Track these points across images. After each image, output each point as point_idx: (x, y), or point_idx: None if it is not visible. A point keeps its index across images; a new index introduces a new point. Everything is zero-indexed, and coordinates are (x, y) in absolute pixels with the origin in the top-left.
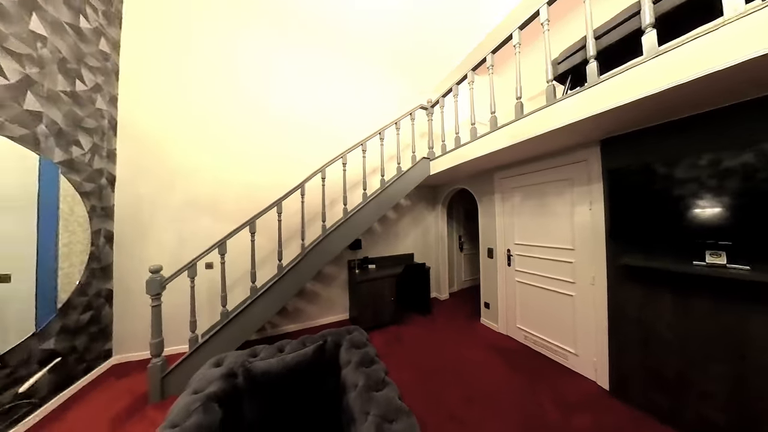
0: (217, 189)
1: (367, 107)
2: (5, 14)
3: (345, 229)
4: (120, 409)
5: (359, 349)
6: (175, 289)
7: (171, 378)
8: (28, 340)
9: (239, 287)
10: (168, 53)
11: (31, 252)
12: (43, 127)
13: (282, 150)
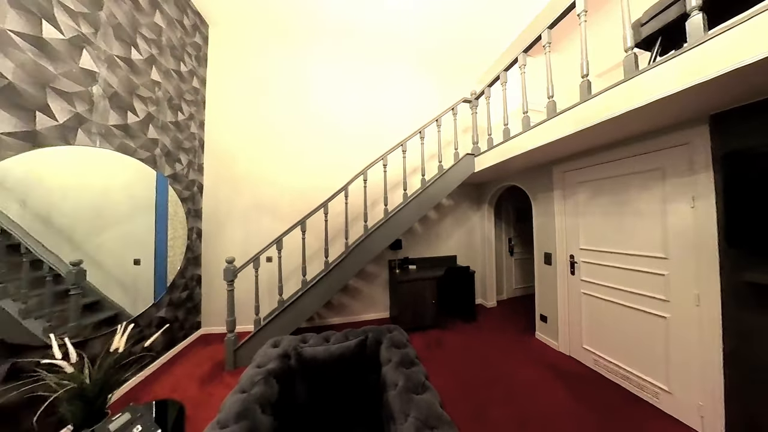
0: (276, 193)
1: (406, 108)
2: (137, 70)
3: (385, 229)
4: (204, 371)
5: (399, 348)
6: (244, 278)
7: (241, 351)
8: (150, 308)
9: (293, 279)
10: (237, 83)
11: (151, 243)
12: (158, 150)
13: (329, 156)
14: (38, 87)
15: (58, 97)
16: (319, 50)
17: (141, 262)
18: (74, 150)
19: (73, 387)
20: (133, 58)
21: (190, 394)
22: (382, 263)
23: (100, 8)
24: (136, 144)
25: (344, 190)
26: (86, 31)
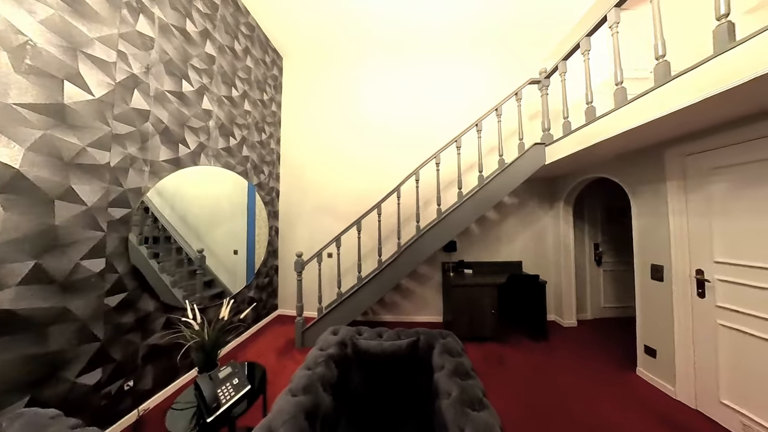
0: (335, 196)
1: (460, 102)
2: (235, 104)
3: (438, 230)
4: (280, 345)
5: (453, 357)
6: (310, 270)
7: (307, 333)
8: (243, 289)
9: (350, 275)
10: (304, 102)
11: (244, 238)
12: (249, 165)
13: (382, 159)
14: (179, 126)
15: (190, 132)
16: (369, 62)
17: (238, 253)
18: (198, 169)
19: (198, 340)
20: (233, 95)
21: (269, 362)
22: (435, 265)
23: (213, 62)
24: (235, 161)
25: (396, 191)
26: (205, 81)
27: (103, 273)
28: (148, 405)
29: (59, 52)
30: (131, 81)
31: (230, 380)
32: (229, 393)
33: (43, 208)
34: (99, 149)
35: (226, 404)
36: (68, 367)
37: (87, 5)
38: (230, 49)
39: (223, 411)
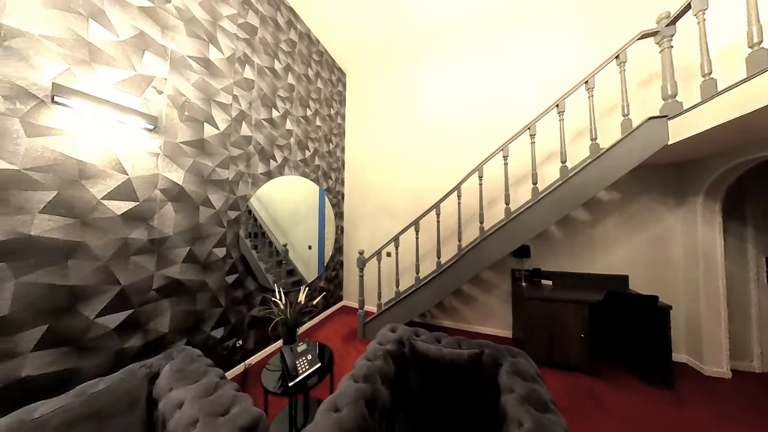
0: (394, 197)
1: (532, 84)
2: (309, 121)
3: (506, 233)
4: (345, 334)
5: (525, 381)
6: (370, 267)
7: (367, 326)
8: (315, 279)
9: (408, 275)
10: (364, 111)
11: (316, 236)
12: (320, 172)
13: (442, 157)
14: (270, 145)
15: (278, 149)
16: (425, 60)
17: (312, 248)
18: (283, 178)
19: (283, 317)
20: (307, 114)
21: (335, 346)
22: (503, 272)
23: (293, 90)
24: (309, 170)
25: (456, 190)
26: (288, 106)
27: (224, 258)
28: (251, 361)
29: (201, 103)
30: (240, 115)
31: (305, 355)
32: (304, 366)
33: (193, 211)
34: (222, 168)
35: (302, 374)
36: (205, 323)
37: (216, 67)
38: (305, 76)
39: (300, 380)
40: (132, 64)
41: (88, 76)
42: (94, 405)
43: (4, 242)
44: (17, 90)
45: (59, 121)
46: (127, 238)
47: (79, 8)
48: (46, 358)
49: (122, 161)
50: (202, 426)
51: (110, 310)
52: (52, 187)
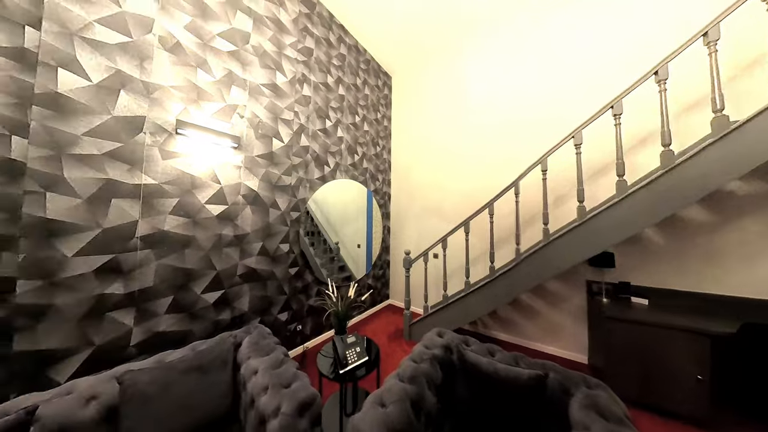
0: (442, 197)
1: (611, 49)
2: (358, 127)
3: (580, 236)
4: (391, 332)
5: (608, 420)
6: (417, 268)
7: (414, 327)
8: (363, 277)
9: (456, 278)
10: (410, 112)
11: (364, 235)
12: (367, 174)
13: (495, 153)
14: (324, 153)
15: (330, 155)
16: (472, 48)
17: (360, 247)
18: (335, 182)
19: (335, 309)
20: (356, 121)
21: (381, 342)
22: (576, 284)
23: (343, 100)
24: (358, 173)
25: (514, 186)
26: (339, 115)
27: (288, 253)
28: (308, 345)
29: (270, 122)
30: (300, 128)
31: (354, 347)
32: (353, 357)
33: (265, 212)
34: (286, 176)
35: (352, 364)
36: (273, 307)
37: (281, 89)
38: (354, 86)
39: (349, 369)
40: (223, 97)
41: (197, 111)
42: (201, 359)
43: (150, 235)
44: (157, 127)
45: (179, 147)
46: (221, 233)
47: (191, 62)
48: (172, 320)
49: (217, 174)
50: (271, 393)
51: (209, 289)
52: (176, 195)
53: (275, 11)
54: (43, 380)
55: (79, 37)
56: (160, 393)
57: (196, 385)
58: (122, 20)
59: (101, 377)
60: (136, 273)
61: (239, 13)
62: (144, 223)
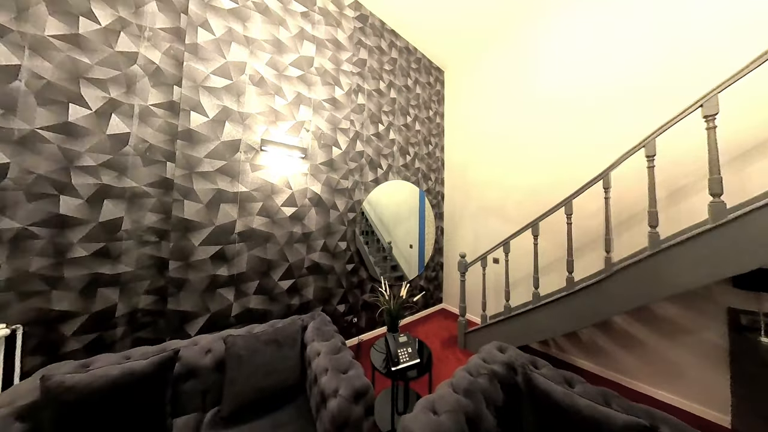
0: (502, 195)
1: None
2: (409, 128)
3: (714, 244)
4: (443, 337)
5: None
6: (473, 273)
7: (469, 337)
8: (415, 278)
9: (522, 287)
10: (464, 106)
11: (416, 235)
12: (420, 174)
13: (570, 142)
14: (377, 156)
15: (383, 158)
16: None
17: (413, 247)
18: (388, 183)
19: (387, 307)
20: (407, 122)
21: (433, 347)
22: (708, 310)
23: (395, 103)
24: (410, 173)
25: (602, 179)
26: (391, 118)
27: (345, 250)
28: (362, 338)
29: (330, 132)
30: (355, 135)
31: (406, 347)
32: (405, 357)
33: (326, 213)
34: (344, 179)
35: (403, 364)
36: (333, 298)
37: (339, 101)
38: (405, 87)
39: (401, 368)
40: (293, 115)
41: (275, 130)
42: (278, 335)
43: (243, 231)
44: (248, 147)
45: (263, 161)
46: (292, 231)
47: (271, 90)
48: (257, 300)
49: (289, 181)
50: (331, 375)
51: (284, 277)
52: (260, 200)
53: (333, 32)
54: (182, 332)
55: (202, 86)
56: (249, 356)
57: (274, 355)
58: (226, 68)
59: (214, 336)
60: (235, 260)
61: (305, 42)
62: (240, 222)
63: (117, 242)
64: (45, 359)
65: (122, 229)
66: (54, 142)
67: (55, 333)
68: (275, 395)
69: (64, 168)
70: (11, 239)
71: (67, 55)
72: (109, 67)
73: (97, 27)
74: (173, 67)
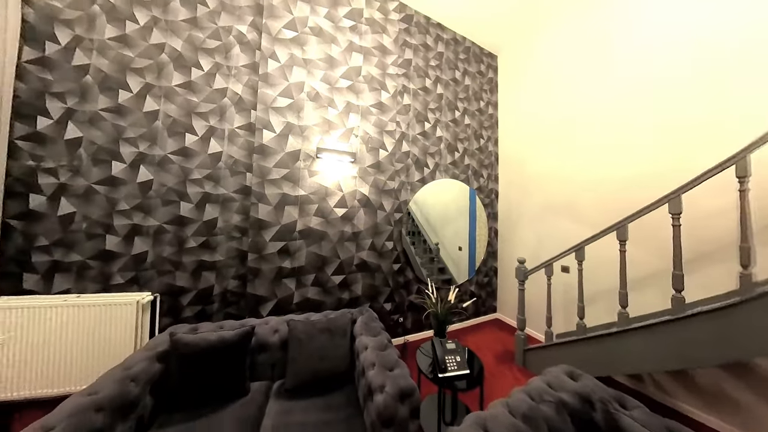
0: (573, 191)
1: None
2: (457, 123)
3: None
4: (497, 350)
5: None
6: (535, 281)
7: (529, 354)
8: (465, 282)
9: (601, 303)
10: (521, 92)
11: (466, 237)
12: (469, 172)
13: (665, 123)
14: (423, 155)
15: (430, 156)
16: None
17: (462, 249)
18: (435, 182)
19: (433, 310)
20: (455, 117)
21: (485, 359)
22: None
23: (442, 98)
24: (458, 171)
25: (734, 163)
26: (437, 115)
27: (392, 250)
28: (408, 338)
29: (377, 135)
30: (401, 136)
31: (454, 355)
32: (453, 365)
33: (374, 214)
34: (390, 180)
35: (451, 372)
36: (380, 296)
37: (385, 105)
38: (452, 80)
39: (448, 376)
40: (344, 123)
41: (328, 138)
42: (330, 325)
43: (302, 230)
44: (306, 155)
45: (318, 167)
46: (343, 230)
47: (324, 103)
48: (313, 291)
49: (341, 184)
50: (378, 370)
51: (336, 273)
52: (316, 202)
53: (379, 39)
54: (256, 312)
55: (271, 107)
56: (307, 340)
57: (327, 343)
58: (289, 89)
59: (280, 319)
60: (296, 255)
61: (354, 54)
62: (300, 222)
63: (214, 237)
64: (171, 320)
65: (217, 227)
66: (177, 163)
67: (177, 302)
68: (328, 379)
69: (182, 181)
70: (153, 233)
71: (185, 97)
72: (209, 102)
73: (202, 73)
74: (250, 94)
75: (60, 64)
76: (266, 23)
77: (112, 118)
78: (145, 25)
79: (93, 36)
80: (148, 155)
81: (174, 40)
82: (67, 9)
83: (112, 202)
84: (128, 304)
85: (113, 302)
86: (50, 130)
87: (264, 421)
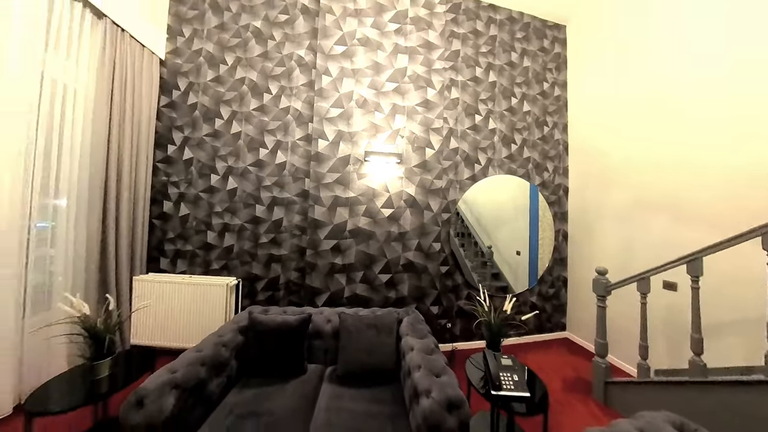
0: (679, 183)
1: None
2: (514, 111)
3: None
4: (568, 377)
5: None
6: (621, 298)
7: (613, 389)
8: (525, 291)
9: (731, 337)
10: (598, 66)
11: (526, 240)
12: (530, 165)
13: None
14: (474, 150)
15: (481, 152)
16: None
17: (521, 254)
18: (487, 180)
19: (486, 320)
20: (512, 105)
21: (551, 386)
22: None
23: (495, 86)
24: (516, 165)
25: None
26: (490, 105)
27: (439, 251)
28: (456, 346)
29: (423, 134)
30: (449, 133)
31: (510, 372)
32: (509, 384)
33: (420, 214)
34: (438, 179)
35: (506, 392)
36: (426, 298)
37: (431, 102)
38: (508, 65)
39: (503, 396)
40: (390, 125)
41: (375, 142)
42: (377, 321)
43: (352, 229)
44: (355, 159)
45: (366, 169)
46: (389, 230)
47: (371, 109)
48: (362, 287)
49: (387, 185)
50: (423, 373)
51: (383, 272)
52: (365, 203)
53: (425, 36)
54: (313, 303)
55: (325, 119)
56: (356, 333)
57: (374, 339)
58: (340, 100)
59: (332, 311)
60: (346, 253)
61: (399, 56)
62: (350, 222)
63: (280, 234)
64: (249, 302)
65: (282, 226)
66: (253, 172)
67: (253, 287)
68: (374, 372)
69: (257, 188)
70: (238, 230)
71: (259, 119)
72: (276, 120)
73: (271, 96)
74: (308, 109)
75: (180, 104)
76: (320, 44)
77: (211, 141)
78: (232, 65)
79: (199, 80)
80: (234, 168)
81: (251, 73)
82: (185, 63)
83: (211, 206)
84: (221, 286)
85: (211, 283)
86: (175, 154)
87: (319, 400)
